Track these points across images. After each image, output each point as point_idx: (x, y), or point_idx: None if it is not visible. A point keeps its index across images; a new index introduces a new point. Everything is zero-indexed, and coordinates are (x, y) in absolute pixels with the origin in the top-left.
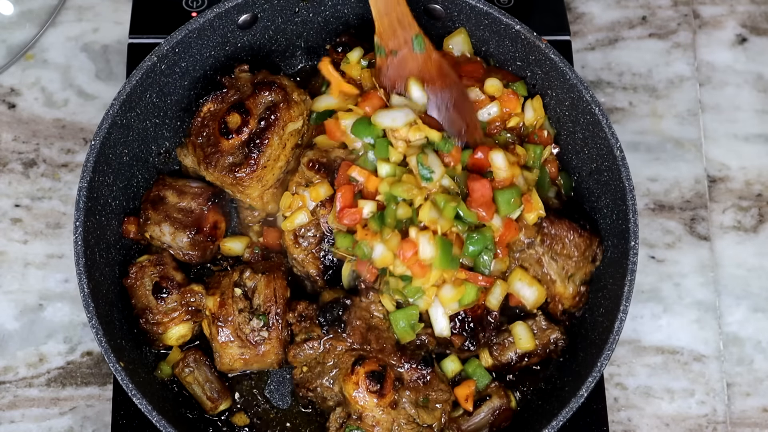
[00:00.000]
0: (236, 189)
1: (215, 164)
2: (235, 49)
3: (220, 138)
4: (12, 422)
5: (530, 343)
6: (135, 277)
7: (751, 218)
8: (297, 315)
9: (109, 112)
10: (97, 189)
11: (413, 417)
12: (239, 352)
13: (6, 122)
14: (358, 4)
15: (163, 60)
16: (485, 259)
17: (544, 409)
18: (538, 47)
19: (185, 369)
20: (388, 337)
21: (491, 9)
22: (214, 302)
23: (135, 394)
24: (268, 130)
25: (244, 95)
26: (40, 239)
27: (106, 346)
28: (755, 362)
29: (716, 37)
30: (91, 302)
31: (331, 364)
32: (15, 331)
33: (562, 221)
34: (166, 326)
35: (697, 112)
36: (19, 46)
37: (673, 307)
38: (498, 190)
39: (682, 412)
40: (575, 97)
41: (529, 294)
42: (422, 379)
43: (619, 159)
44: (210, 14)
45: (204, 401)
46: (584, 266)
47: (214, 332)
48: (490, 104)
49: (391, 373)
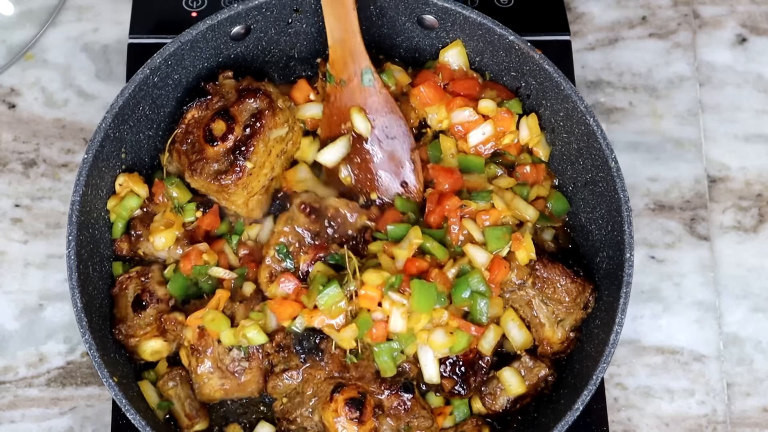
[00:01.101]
0: (221, 196)
1: (200, 171)
2: (228, 60)
3: (205, 145)
4: (12, 422)
5: (521, 387)
6: (120, 287)
7: (751, 218)
8: (275, 345)
9: (101, 125)
10: (90, 203)
11: None
12: (219, 383)
13: (6, 122)
14: None
15: (155, 72)
16: (482, 306)
17: (540, 421)
18: (532, 58)
19: (169, 382)
20: (368, 365)
21: (485, 19)
22: (193, 333)
23: (129, 410)
24: (254, 137)
25: (228, 102)
26: (40, 239)
27: (99, 362)
28: (755, 362)
29: (716, 37)
30: (84, 317)
31: (311, 393)
32: (15, 331)
33: (556, 265)
34: (140, 339)
35: (697, 112)
36: (19, 46)
37: (673, 307)
38: (488, 227)
39: (682, 412)
40: (570, 108)
41: (518, 337)
42: (403, 406)
43: (614, 170)
44: (202, 26)
45: (182, 417)
46: (575, 312)
47: (193, 363)
48: (483, 123)
49: (371, 399)
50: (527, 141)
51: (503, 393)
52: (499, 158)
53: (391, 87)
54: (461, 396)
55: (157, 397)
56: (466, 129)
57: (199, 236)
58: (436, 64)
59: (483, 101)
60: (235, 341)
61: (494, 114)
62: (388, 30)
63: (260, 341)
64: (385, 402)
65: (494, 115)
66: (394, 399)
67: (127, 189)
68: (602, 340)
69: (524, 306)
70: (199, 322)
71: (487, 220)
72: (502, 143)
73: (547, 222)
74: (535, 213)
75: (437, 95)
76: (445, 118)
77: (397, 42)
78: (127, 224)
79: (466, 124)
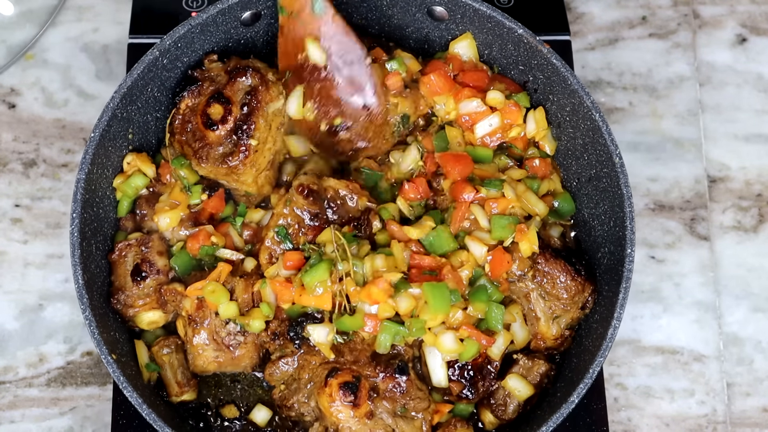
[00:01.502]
0: (231, 178)
1: (206, 157)
2: (237, 45)
3: (205, 131)
4: (12, 422)
5: (528, 389)
6: (119, 254)
7: (751, 218)
8: (270, 333)
9: (109, 104)
10: (95, 181)
11: (392, 427)
12: (214, 355)
13: (6, 122)
14: (361, 3)
15: (165, 54)
16: (496, 314)
17: (536, 414)
18: (540, 52)
19: (164, 348)
20: (362, 349)
21: (494, 12)
22: (192, 304)
23: (126, 387)
24: (253, 114)
25: (220, 84)
26: (40, 239)
27: (98, 338)
28: (755, 362)
29: (716, 37)
30: (85, 294)
31: (307, 378)
32: (15, 331)
33: (558, 261)
34: (138, 311)
35: (697, 112)
36: (19, 46)
37: (673, 307)
38: (495, 215)
39: (682, 412)
40: (576, 103)
41: (520, 334)
42: (398, 388)
43: (618, 166)
44: (213, 10)
45: (172, 384)
46: (572, 311)
47: (189, 334)
48: (491, 115)
49: (366, 383)
50: (534, 134)
51: (512, 400)
52: (506, 152)
53: (402, 74)
54: (469, 400)
55: (148, 359)
56: (474, 120)
57: (203, 218)
58: (446, 56)
59: (491, 92)
60: (232, 315)
61: (502, 106)
62: (399, 21)
63: (260, 329)
64: (380, 385)
65: (502, 107)
66: (389, 381)
67: (135, 168)
68: (600, 335)
69: (522, 298)
70: (198, 293)
71: (496, 207)
72: (508, 136)
73: (557, 218)
74: (545, 208)
75: (447, 84)
76: (453, 109)
77: (407, 33)
78: (133, 203)
79: (473, 114)
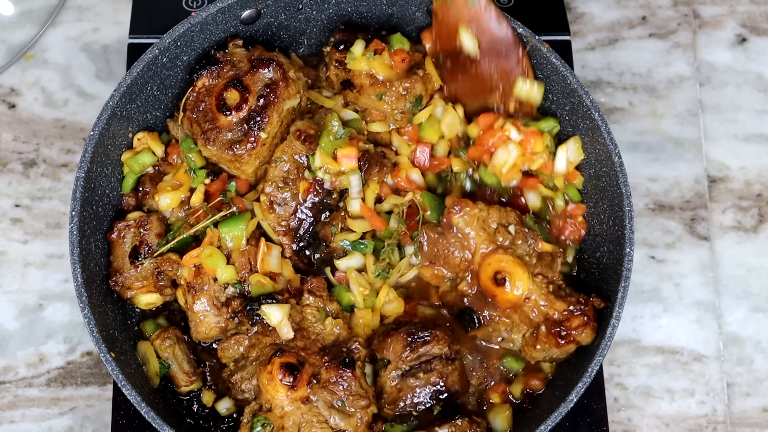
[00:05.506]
0: (233, 165)
1: (214, 140)
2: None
3: (217, 114)
4: (12, 422)
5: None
6: (118, 234)
7: (751, 218)
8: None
9: (109, 103)
10: (94, 180)
11: (325, 417)
12: (215, 320)
13: (6, 122)
14: (361, 1)
15: (164, 53)
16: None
17: (534, 413)
18: (539, 50)
19: (165, 341)
20: (315, 339)
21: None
22: (189, 271)
23: (124, 385)
24: (268, 108)
25: (241, 71)
26: (40, 239)
27: (97, 336)
28: (755, 362)
29: (716, 37)
30: (84, 292)
31: (254, 356)
32: (15, 331)
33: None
34: (136, 293)
35: (697, 112)
36: (19, 46)
37: (673, 307)
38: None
39: (682, 412)
40: (575, 102)
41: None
42: (340, 381)
43: (617, 165)
44: (213, 9)
45: (179, 376)
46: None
47: (189, 301)
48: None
49: (309, 369)
50: (562, 173)
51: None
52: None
53: (407, 50)
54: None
55: (157, 360)
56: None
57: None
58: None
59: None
60: (230, 278)
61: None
62: (398, 20)
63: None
64: (323, 374)
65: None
66: (333, 373)
67: (144, 145)
68: (599, 334)
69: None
70: (195, 260)
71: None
72: (531, 168)
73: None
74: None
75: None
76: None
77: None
78: (137, 181)
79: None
